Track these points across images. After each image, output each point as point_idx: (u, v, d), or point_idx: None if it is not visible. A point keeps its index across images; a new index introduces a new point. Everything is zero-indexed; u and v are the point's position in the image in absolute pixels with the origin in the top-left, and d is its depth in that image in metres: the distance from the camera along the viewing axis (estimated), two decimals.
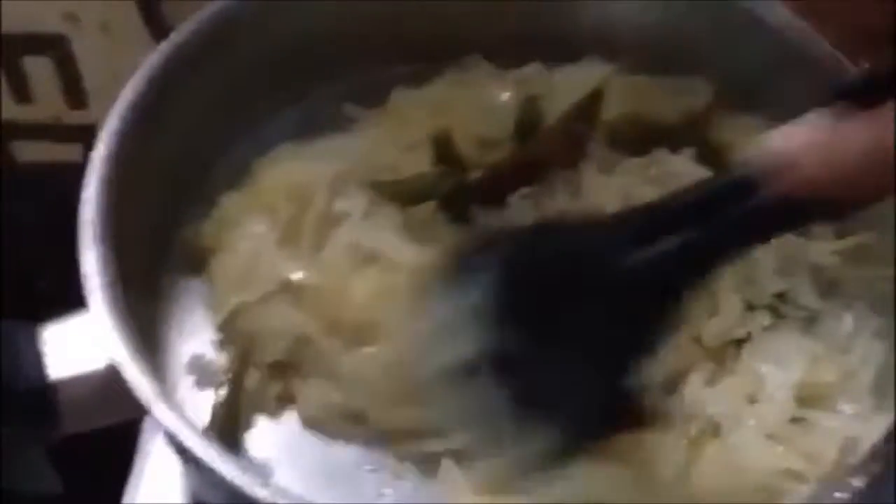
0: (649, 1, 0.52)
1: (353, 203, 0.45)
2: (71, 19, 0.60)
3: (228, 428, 0.41)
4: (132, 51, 0.51)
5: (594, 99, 0.50)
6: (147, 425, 0.44)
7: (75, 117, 0.62)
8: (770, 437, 0.43)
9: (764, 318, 0.46)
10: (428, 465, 0.41)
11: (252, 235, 0.45)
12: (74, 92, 0.62)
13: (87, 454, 0.43)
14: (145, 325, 0.41)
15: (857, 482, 0.36)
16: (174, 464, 0.42)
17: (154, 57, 0.45)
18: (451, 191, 0.47)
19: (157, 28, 0.58)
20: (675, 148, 0.50)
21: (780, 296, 0.47)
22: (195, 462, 0.35)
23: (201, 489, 0.40)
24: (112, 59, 0.60)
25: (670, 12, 0.51)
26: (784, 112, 0.49)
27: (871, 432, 0.40)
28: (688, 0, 0.50)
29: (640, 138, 0.50)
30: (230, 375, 0.42)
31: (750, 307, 0.46)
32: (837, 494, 0.36)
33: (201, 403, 0.42)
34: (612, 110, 0.50)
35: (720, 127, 0.51)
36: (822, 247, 0.47)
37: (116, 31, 0.61)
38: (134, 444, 0.45)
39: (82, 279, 0.37)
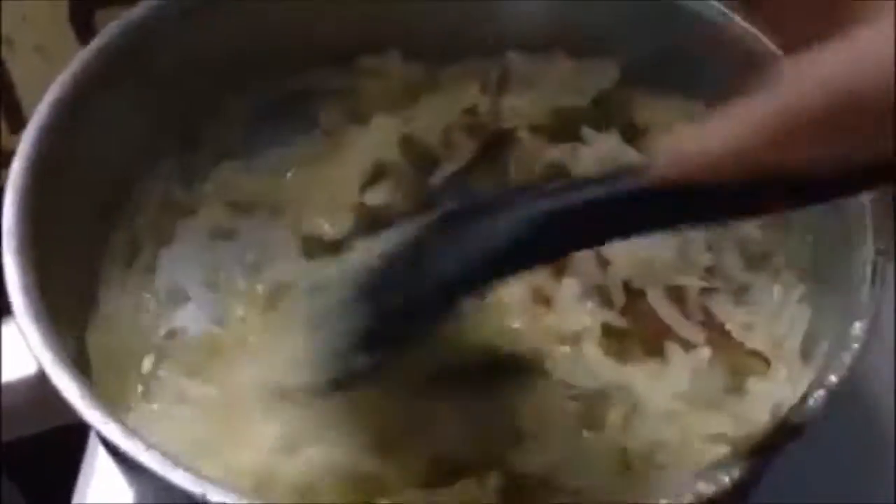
0: None
1: None
2: (6, 42, 0.61)
3: None
4: None
5: None
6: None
7: (15, 141, 0.62)
8: (706, 405, 0.44)
9: (695, 291, 0.46)
10: None
11: None
12: (14, 116, 0.62)
13: (37, 455, 0.44)
14: (74, 330, 0.42)
15: (777, 438, 0.37)
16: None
17: (69, 70, 0.45)
18: None
19: None
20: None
21: (710, 269, 0.48)
22: (131, 466, 0.35)
23: (142, 492, 0.40)
24: (49, 81, 0.60)
25: None
26: (702, 90, 0.51)
27: (798, 394, 0.41)
28: None
29: (561, 125, 0.51)
30: None
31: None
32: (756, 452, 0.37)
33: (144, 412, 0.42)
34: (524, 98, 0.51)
35: (640, 108, 0.52)
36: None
37: (52, 52, 0.61)
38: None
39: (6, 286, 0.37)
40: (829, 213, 0.45)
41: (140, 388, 0.43)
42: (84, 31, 0.62)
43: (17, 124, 0.62)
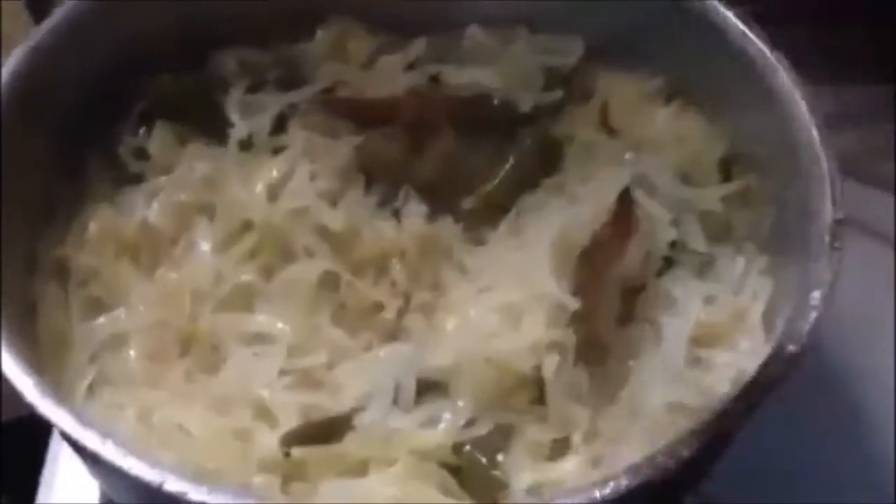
0: None
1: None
2: None
3: None
4: None
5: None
6: None
7: None
8: (670, 378, 0.44)
9: (655, 266, 0.46)
10: None
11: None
12: None
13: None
14: (25, 327, 0.41)
15: (737, 408, 0.37)
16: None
17: (15, 54, 0.45)
18: None
19: None
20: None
21: (674, 244, 0.48)
22: (93, 459, 0.35)
23: (106, 487, 0.40)
24: None
25: None
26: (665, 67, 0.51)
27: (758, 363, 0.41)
28: None
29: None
30: None
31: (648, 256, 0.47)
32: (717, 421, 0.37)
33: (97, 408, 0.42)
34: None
35: (603, 83, 0.52)
36: (709, 193, 0.49)
37: (10, 40, 0.60)
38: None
39: None
40: (790, 183, 0.45)
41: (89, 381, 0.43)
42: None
43: None
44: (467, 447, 0.41)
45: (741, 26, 0.47)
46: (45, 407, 0.34)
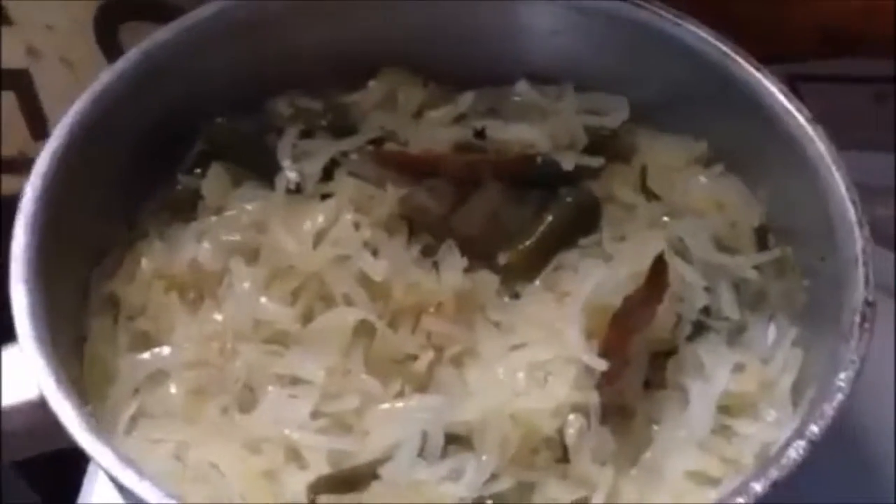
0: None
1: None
2: (33, 54, 0.62)
3: None
4: None
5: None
6: None
7: (37, 148, 0.64)
8: (694, 445, 0.45)
9: (686, 331, 0.47)
10: None
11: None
12: (38, 126, 0.64)
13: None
14: (72, 360, 0.43)
15: (758, 486, 0.37)
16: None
17: (83, 98, 0.47)
18: None
19: (117, 59, 0.60)
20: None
21: (706, 309, 0.48)
22: (129, 493, 0.37)
23: None
24: (74, 92, 0.62)
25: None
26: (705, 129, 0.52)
27: (785, 437, 0.42)
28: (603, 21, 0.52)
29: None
30: None
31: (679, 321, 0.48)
32: (739, 500, 0.37)
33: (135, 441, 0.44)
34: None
35: (646, 147, 0.53)
36: (744, 261, 0.49)
37: (77, 64, 0.63)
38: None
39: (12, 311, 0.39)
40: (825, 258, 0.46)
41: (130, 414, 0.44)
42: (107, 42, 0.63)
43: (42, 134, 0.64)
44: (488, 502, 0.42)
45: (783, 100, 0.48)
46: (87, 443, 0.36)
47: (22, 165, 0.64)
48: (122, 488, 0.37)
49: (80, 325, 0.46)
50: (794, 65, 0.75)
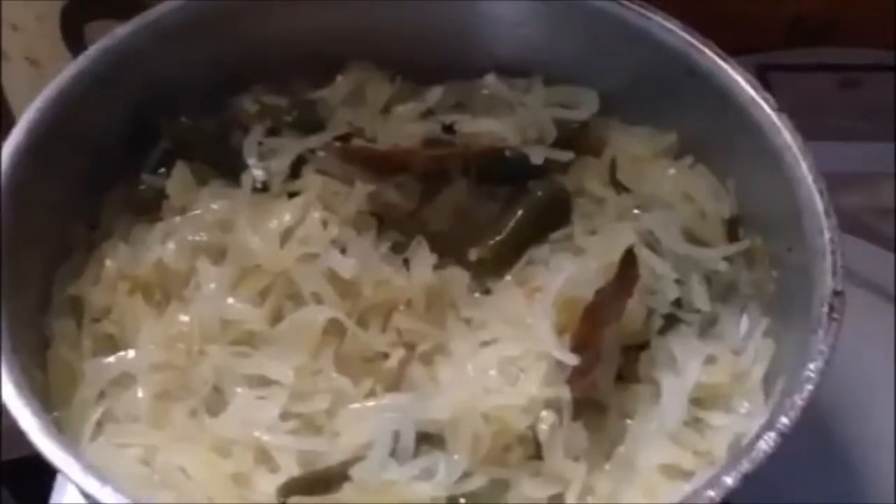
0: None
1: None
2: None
3: None
4: None
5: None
6: None
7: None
8: (666, 438, 0.44)
9: (658, 323, 0.47)
10: None
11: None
12: (5, 126, 0.63)
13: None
14: (35, 364, 0.43)
15: (730, 480, 0.37)
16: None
17: (42, 96, 0.46)
18: None
19: None
20: None
21: (678, 302, 0.48)
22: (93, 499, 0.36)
23: None
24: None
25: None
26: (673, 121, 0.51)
27: (757, 428, 0.42)
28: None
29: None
30: None
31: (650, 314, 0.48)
32: (710, 493, 0.37)
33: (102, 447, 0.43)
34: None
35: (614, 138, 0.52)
36: (714, 252, 0.49)
37: (44, 63, 0.62)
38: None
39: None
40: (793, 248, 0.46)
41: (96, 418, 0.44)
42: (73, 42, 0.62)
43: (8, 132, 0.63)
44: (461, 500, 0.42)
45: (749, 90, 0.48)
46: (49, 450, 0.36)
47: None
48: (86, 495, 0.37)
49: (41, 327, 0.46)
50: (762, 55, 0.76)
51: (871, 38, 0.73)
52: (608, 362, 0.46)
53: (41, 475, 0.52)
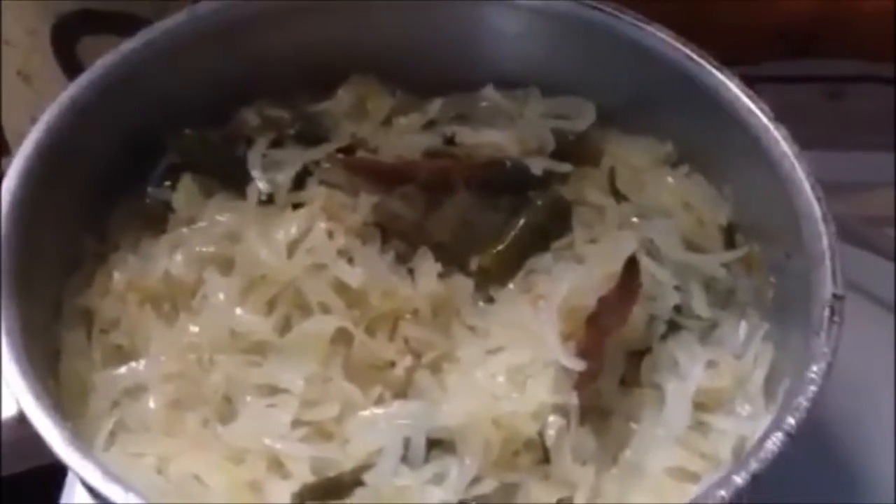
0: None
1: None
2: None
3: None
4: (52, 98, 0.52)
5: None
6: None
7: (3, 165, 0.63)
8: (671, 441, 0.45)
9: (660, 329, 0.48)
10: None
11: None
12: None
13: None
14: (48, 375, 0.43)
15: (739, 479, 0.38)
16: None
17: (50, 111, 0.47)
18: None
19: (75, 74, 0.59)
20: None
21: (678, 308, 0.49)
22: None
23: None
24: (33, 106, 0.61)
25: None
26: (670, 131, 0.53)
27: (761, 430, 0.43)
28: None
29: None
30: None
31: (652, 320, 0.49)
32: (721, 492, 0.38)
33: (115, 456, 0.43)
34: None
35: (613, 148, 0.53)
36: (712, 259, 0.50)
37: (34, 78, 0.62)
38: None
39: None
40: (792, 254, 0.47)
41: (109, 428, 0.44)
42: (65, 57, 0.63)
43: (2, 149, 0.63)
44: None
45: (745, 100, 0.49)
46: (71, 458, 0.36)
47: None
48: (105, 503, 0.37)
49: (53, 338, 0.46)
50: (748, 66, 0.77)
51: (857, 49, 0.75)
52: (612, 368, 0.46)
53: (40, 490, 0.52)
